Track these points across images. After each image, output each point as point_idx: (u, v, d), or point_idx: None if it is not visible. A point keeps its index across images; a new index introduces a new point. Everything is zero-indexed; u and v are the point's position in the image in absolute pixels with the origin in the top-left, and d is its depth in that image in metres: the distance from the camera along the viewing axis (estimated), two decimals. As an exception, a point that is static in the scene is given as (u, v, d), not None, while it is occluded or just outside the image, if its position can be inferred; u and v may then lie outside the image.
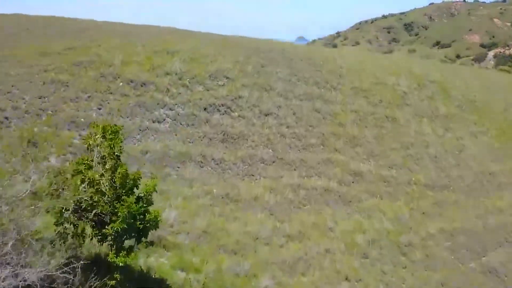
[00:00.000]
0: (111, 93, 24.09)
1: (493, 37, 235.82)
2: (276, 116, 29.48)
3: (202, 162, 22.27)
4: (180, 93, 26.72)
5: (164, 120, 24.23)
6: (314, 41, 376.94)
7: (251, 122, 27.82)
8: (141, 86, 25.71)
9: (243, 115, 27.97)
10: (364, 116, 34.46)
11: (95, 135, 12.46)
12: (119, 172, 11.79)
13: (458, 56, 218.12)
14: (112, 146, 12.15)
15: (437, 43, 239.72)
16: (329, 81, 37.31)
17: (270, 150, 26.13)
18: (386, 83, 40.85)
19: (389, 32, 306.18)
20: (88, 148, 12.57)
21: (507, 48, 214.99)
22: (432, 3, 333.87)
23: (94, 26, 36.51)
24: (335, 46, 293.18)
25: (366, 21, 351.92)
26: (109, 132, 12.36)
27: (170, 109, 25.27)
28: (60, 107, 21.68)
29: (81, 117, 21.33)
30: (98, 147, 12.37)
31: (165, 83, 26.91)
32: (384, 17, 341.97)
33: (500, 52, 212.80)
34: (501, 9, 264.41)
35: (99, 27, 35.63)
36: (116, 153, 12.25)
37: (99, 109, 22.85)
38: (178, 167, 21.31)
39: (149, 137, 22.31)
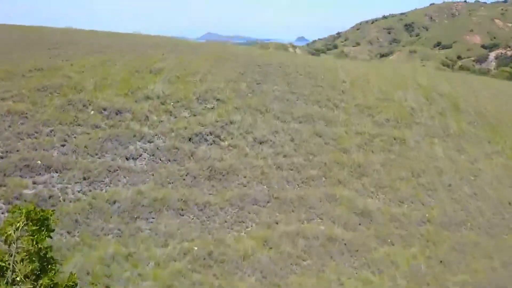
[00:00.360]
0: (78, 125, 20.61)
1: (494, 38, 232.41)
2: (272, 144, 26.02)
3: (182, 209, 18.78)
4: (161, 121, 23.25)
5: (140, 156, 20.73)
6: (314, 41, 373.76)
7: (243, 152, 24.36)
8: (116, 114, 22.23)
9: (234, 144, 24.51)
10: (370, 139, 30.99)
11: (16, 223, 9.02)
12: (42, 285, 8.34)
13: (459, 57, 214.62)
14: (35, 241, 8.71)
15: (438, 44, 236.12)
16: (331, 98, 33.83)
17: (265, 187, 22.67)
18: (392, 99, 37.43)
19: (389, 33, 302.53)
20: (6, 241, 9.12)
21: (508, 49, 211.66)
22: (433, 4, 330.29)
23: (71, 38, 32.98)
24: (335, 46, 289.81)
25: (366, 22, 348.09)
26: (35, 220, 8.93)
27: (149, 142, 21.79)
28: (13, 146, 18.19)
29: (38, 159, 17.84)
30: (20, 241, 8.93)
31: (145, 110, 23.44)
32: (384, 17, 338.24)
33: (502, 53, 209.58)
34: (502, 9, 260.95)
35: (76, 41, 32.08)
36: (42, 252, 8.81)
37: (63, 145, 19.35)
38: (153, 218, 17.82)
39: (120, 180, 18.80)
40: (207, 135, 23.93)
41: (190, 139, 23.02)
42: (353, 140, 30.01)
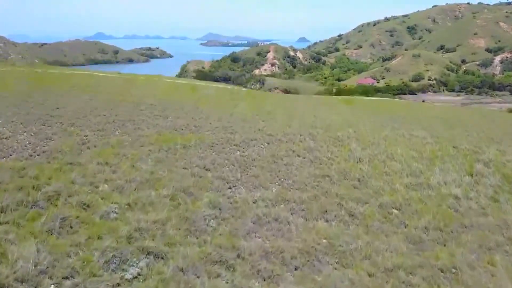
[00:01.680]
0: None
1: (499, 41, 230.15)
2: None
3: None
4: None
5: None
6: (315, 43, 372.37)
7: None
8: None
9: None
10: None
11: None
12: None
13: (463, 61, 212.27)
14: None
15: (442, 47, 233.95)
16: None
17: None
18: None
19: (392, 35, 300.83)
20: None
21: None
22: (436, 6, 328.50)
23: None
24: (337, 49, 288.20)
25: (368, 24, 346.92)
26: None
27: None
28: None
29: None
30: None
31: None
32: (386, 19, 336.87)
33: (507, 58, 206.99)
34: (507, 12, 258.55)
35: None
36: None
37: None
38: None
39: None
40: None
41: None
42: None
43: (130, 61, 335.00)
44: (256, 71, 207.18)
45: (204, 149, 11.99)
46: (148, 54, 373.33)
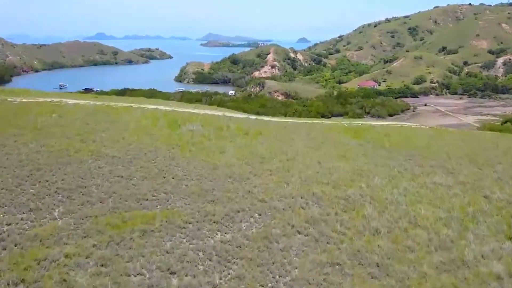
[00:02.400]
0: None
1: (501, 43, 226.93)
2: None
3: None
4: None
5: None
6: (315, 44, 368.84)
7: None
8: None
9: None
10: None
11: None
12: None
13: (465, 63, 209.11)
14: None
15: (443, 49, 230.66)
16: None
17: None
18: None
19: (393, 37, 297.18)
20: None
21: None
22: (437, 6, 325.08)
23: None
24: (338, 51, 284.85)
25: (369, 25, 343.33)
26: None
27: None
28: None
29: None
30: None
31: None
32: (387, 20, 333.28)
33: (510, 60, 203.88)
34: (509, 13, 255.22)
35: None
36: None
37: None
38: None
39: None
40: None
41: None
42: None
43: (130, 62, 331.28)
44: (256, 73, 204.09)
45: (171, 234, 8.98)
46: (148, 55, 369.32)
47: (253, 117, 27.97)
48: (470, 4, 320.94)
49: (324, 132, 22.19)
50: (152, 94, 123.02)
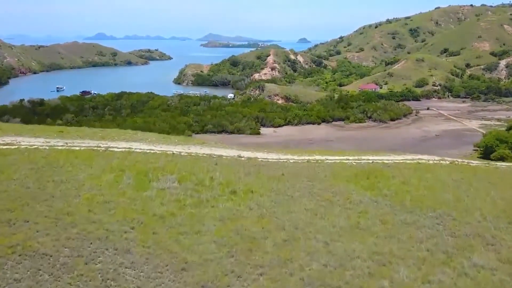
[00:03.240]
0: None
1: (504, 44, 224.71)
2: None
3: None
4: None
5: None
6: (316, 45, 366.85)
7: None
8: None
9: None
10: None
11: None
12: None
13: (467, 65, 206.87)
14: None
15: (445, 51, 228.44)
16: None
17: None
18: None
19: (394, 38, 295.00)
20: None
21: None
22: (438, 7, 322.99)
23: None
24: (338, 52, 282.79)
25: (370, 26, 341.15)
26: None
27: None
28: None
29: None
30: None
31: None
32: (388, 21, 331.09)
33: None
34: (511, 14, 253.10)
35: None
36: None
37: None
38: None
39: None
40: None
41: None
42: None
43: (129, 63, 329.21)
44: (256, 75, 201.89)
45: None
46: (147, 56, 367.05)
47: (246, 154, 25.19)
48: (471, 5, 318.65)
49: (331, 182, 19.12)
50: (149, 97, 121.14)
